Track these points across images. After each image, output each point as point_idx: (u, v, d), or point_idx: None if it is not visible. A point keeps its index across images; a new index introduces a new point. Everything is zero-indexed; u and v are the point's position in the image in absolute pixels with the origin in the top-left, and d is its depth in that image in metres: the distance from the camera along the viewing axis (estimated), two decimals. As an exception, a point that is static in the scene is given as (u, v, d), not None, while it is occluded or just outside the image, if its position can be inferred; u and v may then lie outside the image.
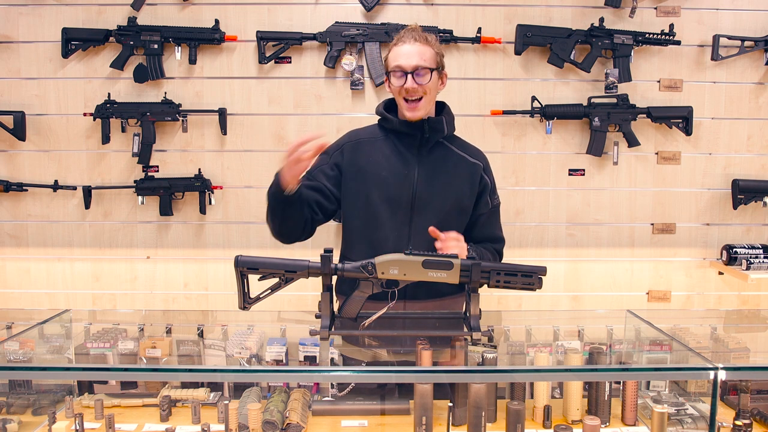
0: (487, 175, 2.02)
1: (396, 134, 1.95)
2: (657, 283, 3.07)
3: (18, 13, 2.89)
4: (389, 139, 1.95)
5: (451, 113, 2.01)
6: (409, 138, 1.93)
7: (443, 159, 1.95)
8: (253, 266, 1.61)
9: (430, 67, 1.86)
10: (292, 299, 2.98)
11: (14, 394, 1.81)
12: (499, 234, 2.06)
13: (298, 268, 1.60)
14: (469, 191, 1.96)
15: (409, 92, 1.85)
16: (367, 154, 1.94)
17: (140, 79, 2.88)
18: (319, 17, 2.90)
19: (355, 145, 1.96)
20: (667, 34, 2.86)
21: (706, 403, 1.78)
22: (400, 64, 1.85)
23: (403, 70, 1.84)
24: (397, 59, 1.86)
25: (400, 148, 1.93)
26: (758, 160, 3.01)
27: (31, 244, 3.03)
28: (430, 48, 1.88)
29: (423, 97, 1.87)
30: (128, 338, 1.97)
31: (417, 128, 1.91)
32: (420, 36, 1.88)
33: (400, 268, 1.59)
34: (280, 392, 1.76)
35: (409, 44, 1.86)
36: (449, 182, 1.93)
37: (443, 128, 1.94)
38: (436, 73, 1.89)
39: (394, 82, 1.88)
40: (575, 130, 2.98)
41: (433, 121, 1.92)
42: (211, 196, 2.95)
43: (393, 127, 1.95)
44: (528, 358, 1.90)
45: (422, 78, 1.85)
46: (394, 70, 1.86)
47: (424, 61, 1.85)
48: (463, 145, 2.03)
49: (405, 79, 1.84)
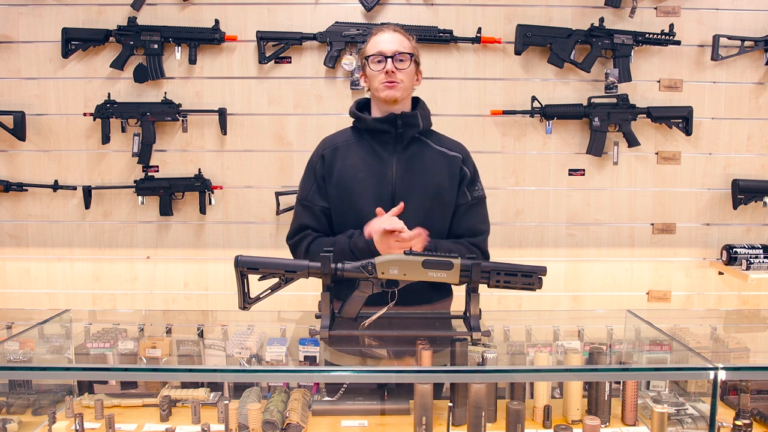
0: (467, 166, 1.98)
1: (370, 133, 1.94)
2: (657, 283, 3.07)
3: (18, 13, 2.89)
4: (364, 139, 1.95)
5: (426, 108, 2.00)
6: (383, 135, 1.93)
7: (420, 154, 1.94)
8: (253, 266, 1.61)
9: (410, 53, 1.89)
10: (292, 299, 2.98)
11: (14, 394, 1.81)
12: (480, 227, 2.02)
13: (298, 268, 1.60)
14: (449, 184, 1.94)
15: (389, 75, 1.86)
16: (343, 158, 1.94)
17: (140, 79, 2.88)
18: (319, 17, 2.90)
19: (332, 151, 1.96)
20: (667, 34, 2.86)
21: (706, 403, 1.78)
22: (381, 50, 1.87)
23: (384, 55, 1.87)
24: (377, 46, 1.88)
25: (375, 147, 1.93)
26: (758, 160, 3.01)
27: (31, 244, 3.03)
28: (408, 41, 1.92)
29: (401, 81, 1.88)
30: (128, 338, 1.97)
31: (391, 124, 1.91)
32: (398, 29, 1.93)
33: (400, 268, 1.59)
34: (280, 392, 1.75)
35: (389, 33, 1.90)
36: (428, 177, 1.92)
37: (418, 122, 1.93)
38: (414, 64, 1.91)
39: (373, 67, 1.88)
40: (575, 130, 2.98)
41: (407, 116, 1.91)
42: (211, 196, 2.95)
43: (367, 126, 1.94)
44: (528, 358, 1.89)
45: (402, 63, 1.87)
46: (373, 56, 1.88)
47: (403, 47, 1.89)
48: (441, 139, 2.01)
49: (385, 63, 1.86)
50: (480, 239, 2.01)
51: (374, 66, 1.88)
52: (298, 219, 1.98)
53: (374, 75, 1.89)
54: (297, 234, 1.98)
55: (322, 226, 1.97)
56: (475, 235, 2.00)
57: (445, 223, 1.95)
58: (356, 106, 1.99)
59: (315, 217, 1.96)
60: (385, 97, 1.89)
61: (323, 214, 1.96)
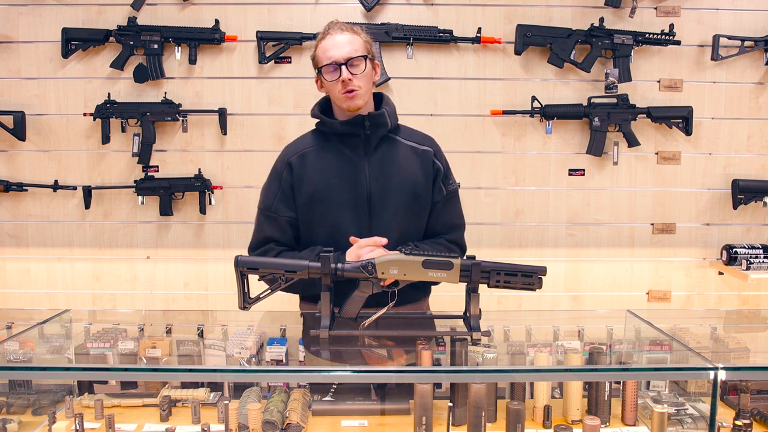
0: (439, 160, 1.92)
1: (338, 137, 1.87)
2: (657, 283, 3.07)
3: (18, 13, 2.89)
4: (331, 143, 1.88)
5: (392, 103, 1.92)
6: (352, 138, 1.86)
7: (391, 153, 1.87)
8: (253, 266, 1.60)
9: (363, 55, 1.79)
10: (292, 299, 2.97)
11: (14, 394, 1.81)
12: (457, 221, 1.97)
13: (298, 268, 1.60)
14: (423, 179, 1.88)
15: (345, 84, 1.77)
16: (313, 165, 1.87)
17: (140, 79, 2.88)
18: (319, 17, 2.90)
19: (299, 158, 1.88)
20: (667, 34, 2.86)
21: (706, 403, 1.78)
22: (331, 56, 1.78)
23: (337, 62, 1.77)
24: (328, 52, 1.78)
25: (345, 151, 1.86)
26: (758, 160, 3.01)
27: (31, 244, 3.03)
28: (358, 37, 1.81)
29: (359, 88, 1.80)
30: (128, 338, 1.96)
31: (359, 126, 1.84)
32: (345, 26, 1.82)
33: (400, 268, 1.59)
34: (280, 392, 1.75)
35: (337, 35, 1.80)
36: (401, 176, 1.86)
37: (386, 121, 1.86)
38: (369, 62, 1.82)
39: (327, 77, 1.79)
40: (575, 130, 2.98)
41: (374, 116, 1.84)
42: (211, 196, 2.95)
43: (334, 130, 1.87)
44: (528, 358, 1.89)
45: (357, 68, 1.78)
46: (326, 65, 1.79)
47: (355, 50, 1.78)
48: (410, 134, 1.94)
49: (339, 71, 1.77)
50: (458, 235, 1.97)
51: (329, 76, 1.79)
52: (261, 230, 1.90)
53: (332, 86, 1.80)
54: (260, 246, 1.90)
55: (287, 237, 1.89)
56: (452, 230, 1.96)
57: (423, 220, 1.92)
58: (319, 108, 1.92)
59: (280, 227, 1.88)
60: (347, 107, 1.82)
61: (289, 225, 1.88)
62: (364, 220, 1.86)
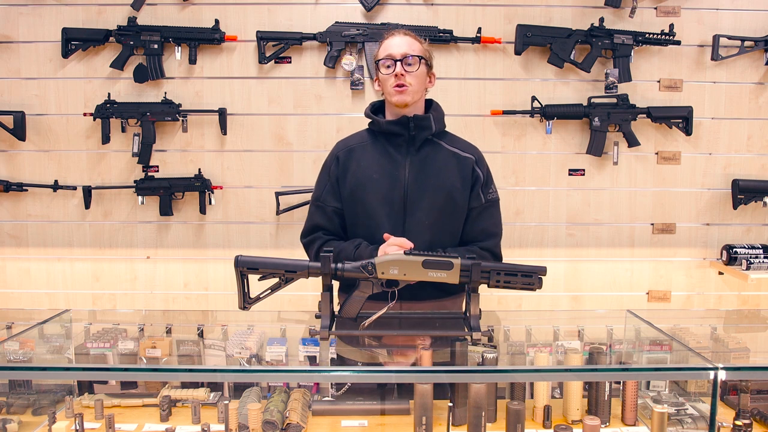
0: (480, 168, 1.98)
1: (385, 136, 1.96)
2: (657, 283, 3.07)
3: (18, 13, 2.89)
4: (378, 141, 1.97)
5: (440, 110, 2.01)
6: (397, 138, 1.94)
7: (432, 156, 1.95)
8: (253, 266, 1.61)
9: (419, 56, 1.89)
10: (292, 299, 2.98)
11: (14, 394, 1.81)
12: (493, 230, 2.02)
13: (298, 268, 1.61)
14: (461, 185, 1.94)
15: (398, 77, 1.87)
16: (358, 159, 1.96)
17: (140, 79, 2.88)
18: (319, 17, 2.90)
19: (347, 153, 1.98)
20: (667, 34, 2.86)
21: (706, 403, 1.78)
22: (390, 53, 1.88)
23: (393, 58, 1.88)
24: (388, 49, 1.90)
25: (389, 149, 1.94)
26: (758, 160, 3.01)
27: (31, 244, 3.03)
28: (419, 43, 1.93)
29: (410, 85, 1.89)
30: (128, 338, 1.97)
31: (403, 127, 1.92)
32: (409, 32, 1.94)
33: (400, 268, 1.59)
34: (280, 392, 1.76)
35: (399, 37, 1.91)
36: (439, 178, 1.92)
37: (430, 125, 1.94)
38: (424, 65, 1.92)
39: (383, 71, 1.91)
40: (575, 130, 2.98)
41: (419, 119, 1.92)
42: (211, 196, 2.95)
43: (381, 129, 1.96)
44: (528, 358, 1.89)
45: (411, 66, 1.88)
46: (384, 59, 1.90)
47: (413, 50, 1.89)
48: (454, 140, 2.02)
49: (394, 67, 1.88)
50: (492, 243, 2.00)
51: (384, 70, 1.90)
52: (312, 219, 2.01)
53: (385, 79, 1.91)
54: (309, 234, 2.01)
55: (334, 226, 1.98)
56: (487, 238, 2.00)
57: (457, 224, 1.95)
58: (371, 108, 2.01)
59: (327, 217, 1.97)
60: (395, 101, 1.91)
61: (336, 215, 1.97)
62: (399, 216, 1.91)
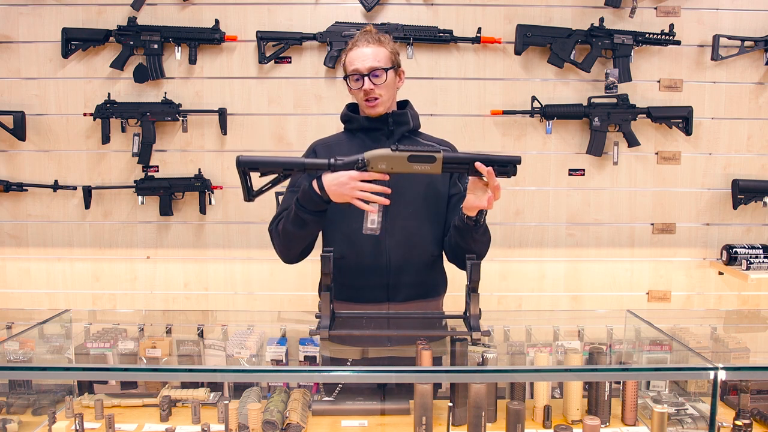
0: None
1: (363, 132, 1.98)
2: (657, 283, 3.07)
3: (18, 13, 2.89)
4: (357, 138, 1.99)
5: (414, 110, 2.04)
6: (375, 132, 1.97)
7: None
8: (254, 165, 1.73)
9: (384, 67, 1.90)
10: (292, 299, 2.98)
11: (14, 394, 1.81)
12: None
13: (296, 165, 1.73)
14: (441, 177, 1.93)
15: (367, 93, 1.89)
16: (337, 152, 1.94)
17: (140, 79, 2.88)
18: (319, 17, 2.90)
19: (325, 147, 1.99)
20: (667, 34, 2.86)
21: (706, 403, 1.78)
22: (356, 68, 1.89)
23: (360, 73, 1.89)
24: (353, 63, 1.90)
25: (367, 143, 1.96)
26: (758, 160, 3.01)
27: (31, 244, 3.03)
28: (384, 48, 1.92)
29: (380, 96, 1.91)
30: (128, 338, 1.97)
31: (382, 122, 1.95)
32: (373, 38, 1.92)
33: (388, 162, 1.69)
34: (280, 392, 1.76)
35: (363, 47, 1.91)
36: None
37: (408, 120, 1.98)
38: (392, 72, 1.93)
39: (352, 85, 1.92)
40: (575, 130, 2.98)
41: (397, 114, 1.96)
42: (211, 196, 2.95)
43: (359, 126, 1.98)
44: (528, 358, 1.89)
45: (378, 79, 1.89)
46: (351, 74, 1.91)
47: (378, 62, 1.89)
48: (429, 138, 2.06)
49: (362, 81, 1.89)
50: None
51: (353, 83, 1.92)
52: (285, 202, 1.96)
53: (355, 93, 1.94)
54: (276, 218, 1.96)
55: None
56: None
57: (440, 212, 1.98)
58: (348, 109, 2.03)
59: None
60: (369, 114, 1.94)
61: None
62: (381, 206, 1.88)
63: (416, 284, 1.96)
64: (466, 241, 1.85)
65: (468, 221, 1.80)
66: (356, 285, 1.92)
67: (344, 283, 1.88)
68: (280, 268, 3.00)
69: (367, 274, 1.92)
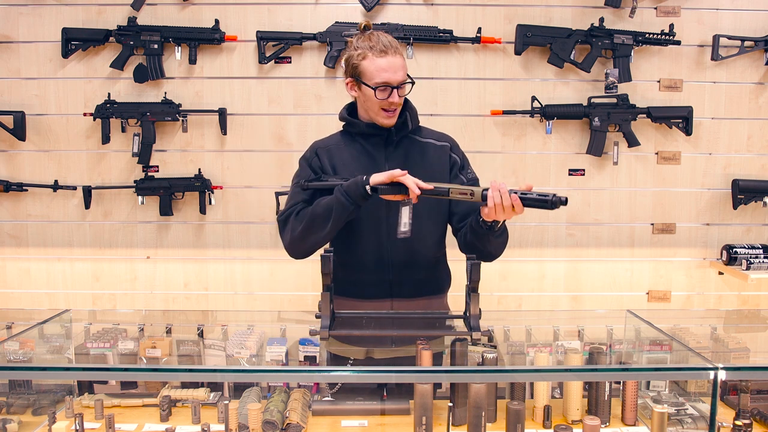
0: (456, 153, 2.03)
1: (362, 137, 1.97)
2: (657, 283, 3.07)
3: (18, 13, 2.89)
4: (355, 141, 1.97)
5: (413, 107, 2.01)
6: (375, 138, 1.95)
7: (410, 149, 1.98)
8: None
9: (412, 81, 1.89)
10: (292, 299, 2.98)
11: (14, 394, 1.81)
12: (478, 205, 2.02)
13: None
14: (441, 172, 1.97)
15: (393, 105, 1.87)
16: (338, 157, 1.96)
17: (140, 79, 2.88)
18: (319, 17, 2.90)
19: (325, 151, 1.98)
20: (667, 34, 2.86)
21: (706, 403, 1.78)
22: (387, 80, 1.84)
23: (391, 85, 1.84)
24: (384, 73, 1.84)
25: (367, 148, 1.95)
26: (758, 160, 3.01)
27: (31, 244, 3.03)
28: (402, 57, 1.90)
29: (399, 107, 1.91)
30: (128, 338, 1.97)
31: (383, 129, 1.94)
32: (397, 48, 1.88)
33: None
34: (280, 392, 1.76)
35: (393, 56, 1.85)
36: (420, 169, 1.92)
37: (407, 125, 1.97)
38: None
39: (379, 96, 1.86)
40: (575, 130, 2.98)
41: (398, 124, 1.94)
42: (211, 196, 2.95)
43: (359, 131, 1.96)
44: (528, 358, 1.89)
45: (403, 90, 1.89)
46: (381, 85, 1.84)
47: (405, 74, 1.88)
48: (429, 133, 2.05)
49: (389, 92, 1.85)
50: None
51: (381, 94, 1.85)
52: (293, 198, 1.94)
53: (377, 101, 1.87)
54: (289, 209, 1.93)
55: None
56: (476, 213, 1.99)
57: (443, 210, 1.98)
58: (347, 110, 2.01)
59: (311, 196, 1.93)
60: (385, 124, 1.91)
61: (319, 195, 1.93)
62: (383, 211, 1.91)
63: (419, 281, 1.96)
64: (482, 243, 1.85)
65: (483, 224, 1.79)
66: (359, 282, 1.93)
67: (347, 280, 1.90)
68: (280, 268, 3.01)
69: (370, 271, 1.93)
